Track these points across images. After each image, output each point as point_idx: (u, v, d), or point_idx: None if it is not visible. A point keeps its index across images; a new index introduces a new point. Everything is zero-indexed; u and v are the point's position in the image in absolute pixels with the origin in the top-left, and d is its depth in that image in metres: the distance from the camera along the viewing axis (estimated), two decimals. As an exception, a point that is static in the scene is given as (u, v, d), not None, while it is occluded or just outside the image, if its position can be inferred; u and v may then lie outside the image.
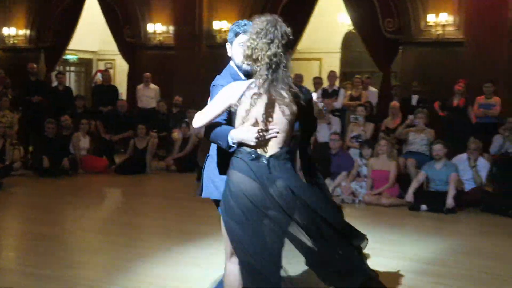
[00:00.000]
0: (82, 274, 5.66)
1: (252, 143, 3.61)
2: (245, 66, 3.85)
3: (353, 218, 8.51)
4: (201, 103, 14.18)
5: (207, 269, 5.78)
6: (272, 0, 14.85)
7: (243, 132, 3.64)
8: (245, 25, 3.97)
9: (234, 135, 3.66)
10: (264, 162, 3.64)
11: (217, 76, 4.20)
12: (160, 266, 6.01)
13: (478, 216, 8.78)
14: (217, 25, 15.30)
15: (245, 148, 3.65)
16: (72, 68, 20.94)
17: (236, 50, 3.99)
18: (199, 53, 15.47)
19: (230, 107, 3.71)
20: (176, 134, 12.87)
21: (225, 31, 15.18)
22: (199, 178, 11.45)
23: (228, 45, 4.12)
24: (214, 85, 4.13)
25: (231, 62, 4.17)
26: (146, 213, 8.86)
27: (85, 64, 20.97)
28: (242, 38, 3.92)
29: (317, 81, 13.63)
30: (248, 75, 3.87)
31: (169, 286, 5.34)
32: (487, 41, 12.41)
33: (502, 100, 11.68)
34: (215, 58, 15.44)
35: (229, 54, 4.12)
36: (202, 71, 15.39)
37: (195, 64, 15.39)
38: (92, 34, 19.02)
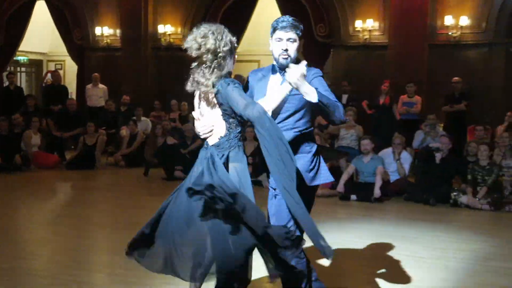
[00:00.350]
0: (35, 265, 5.54)
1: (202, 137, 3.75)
2: (281, 60, 3.82)
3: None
4: (148, 102, 14.04)
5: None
6: (213, 6, 14.78)
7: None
8: (283, 21, 3.87)
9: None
10: (208, 151, 3.75)
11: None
12: (110, 255, 5.95)
13: (402, 204, 8.95)
14: (161, 28, 15.16)
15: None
16: (23, 69, 20.37)
17: (273, 45, 3.90)
18: (144, 54, 15.29)
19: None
20: (124, 131, 12.70)
21: (169, 34, 15.08)
22: (146, 173, 11.40)
23: (270, 40, 3.97)
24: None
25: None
26: (95, 205, 8.72)
27: (35, 65, 20.43)
28: (278, 33, 3.85)
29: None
30: (283, 68, 3.80)
31: (117, 273, 5.28)
32: (409, 45, 12.63)
33: (423, 99, 11.96)
34: (160, 60, 15.37)
35: (270, 49, 3.96)
36: (148, 72, 15.27)
37: (141, 65, 15.22)
38: (42, 36, 18.61)
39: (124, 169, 11.94)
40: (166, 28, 15.09)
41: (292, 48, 3.88)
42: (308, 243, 3.62)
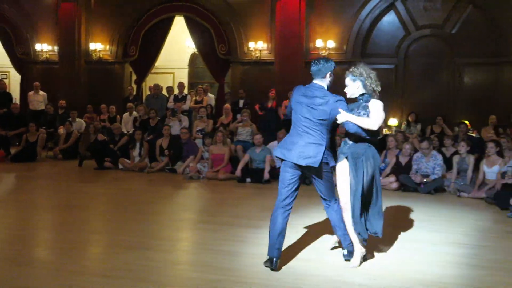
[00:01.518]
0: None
1: None
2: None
3: (199, 189, 8.62)
4: (82, 106, 13.40)
5: (82, 232, 5.52)
6: (136, 28, 14.40)
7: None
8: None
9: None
10: None
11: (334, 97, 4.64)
12: (50, 233, 5.67)
13: (285, 184, 9.12)
14: (92, 45, 14.60)
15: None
16: (-28, 78, 18.87)
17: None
18: (78, 67, 14.66)
19: None
20: (61, 130, 12.26)
21: (99, 50, 14.55)
22: (81, 164, 10.98)
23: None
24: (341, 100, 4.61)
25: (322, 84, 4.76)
26: (37, 191, 8.27)
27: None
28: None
29: (169, 89, 13.51)
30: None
31: (57, 247, 5.05)
32: (290, 61, 12.87)
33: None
34: (91, 71, 14.81)
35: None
36: (81, 81, 14.72)
37: (75, 76, 14.62)
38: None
39: (61, 161, 11.44)
40: (96, 45, 14.57)
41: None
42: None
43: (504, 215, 6.76)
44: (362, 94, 4.69)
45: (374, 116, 4.51)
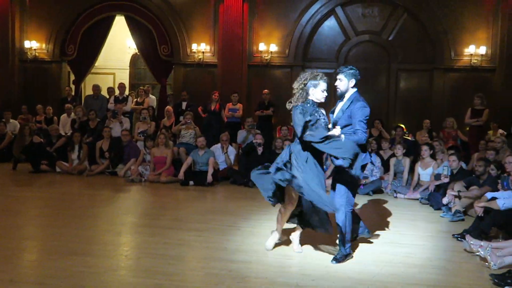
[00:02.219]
0: None
1: None
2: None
3: (140, 193, 8.49)
4: (16, 106, 12.87)
5: (16, 239, 5.30)
6: (75, 26, 13.96)
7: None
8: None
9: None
10: None
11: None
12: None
13: (228, 187, 9.12)
14: (27, 44, 14.03)
15: None
16: None
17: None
18: (12, 66, 14.04)
19: None
20: (-6, 132, 11.61)
21: (34, 49, 14.01)
22: (15, 167, 10.53)
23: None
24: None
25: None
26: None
27: None
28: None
29: (110, 90, 13.21)
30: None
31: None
32: (233, 64, 12.89)
33: (244, 106, 12.32)
34: (26, 71, 14.25)
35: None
36: (15, 81, 14.11)
37: (9, 75, 13.98)
38: None
39: (-6, 164, 10.92)
40: (32, 44, 14.01)
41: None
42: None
43: (438, 215, 7.08)
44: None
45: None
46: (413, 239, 5.84)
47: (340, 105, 5.01)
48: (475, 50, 12.30)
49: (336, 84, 5.00)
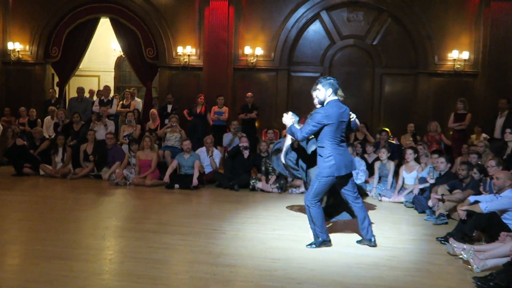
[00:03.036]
0: None
1: None
2: None
3: (125, 196, 8.42)
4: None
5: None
6: (59, 29, 13.82)
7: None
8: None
9: None
10: None
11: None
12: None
13: (214, 190, 9.08)
14: (11, 45, 13.86)
15: None
16: None
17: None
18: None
19: None
20: (-25, 134, 11.44)
21: (18, 50, 13.86)
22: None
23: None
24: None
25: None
26: None
27: None
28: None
29: (92, 93, 13.10)
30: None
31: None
32: (218, 67, 12.88)
33: (230, 109, 12.31)
34: (9, 72, 14.10)
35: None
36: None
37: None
38: None
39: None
40: (15, 45, 13.86)
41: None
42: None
43: (422, 218, 7.13)
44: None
45: None
46: (397, 242, 5.87)
47: None
48: (458, 55, 12.45)
49: (315, 93, 5.50)
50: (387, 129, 11.46)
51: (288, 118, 5.44)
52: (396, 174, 8.79)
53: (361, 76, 13.22)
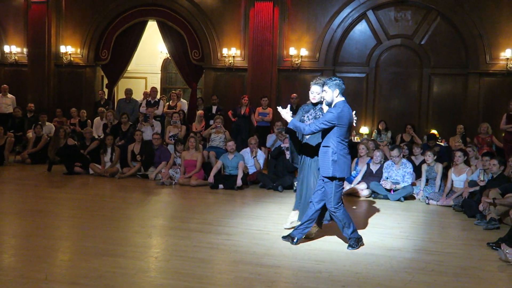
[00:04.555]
0: None
1: None
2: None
3: (171, 195, 8.57)
4: (51, 109, 13.14)
5: (49, 239, 5.41)
6: (108, 32, 14.22)
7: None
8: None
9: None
10: None
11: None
12: (15, 238, 5.55)
13: (257, 191, 9.09)
14: (63, 48, 14.36)
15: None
16: None
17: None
18: (48, 70, 14.38)
19: None
20: (30, 134, 11.96)
21: (69, 53, 14.35)
22: (50, 168, 10.79)
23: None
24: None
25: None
26: (4, 197, 8.06)
27: None
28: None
29: (143, 94, 13.39)
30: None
31: (21, 254, 4.94)
32: (263, 68, 12.91)
33: (274, 110, 12.30)
34: (61, 74, 14.63)
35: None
36: (50, 84, 14.53)
37: (45, 79, 14.34)
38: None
39: (30, 166, 11.17)
40: (67, 48, 14.36)
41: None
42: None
43: (471, 223, 6.92)
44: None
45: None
46: (446, 247, 5.72)
47: None
48: (511, 54, 12.00)
49: (322, 95, 5.61)
50: (435, 132, 11.20)
51: (286, 112, 5.49)
52: (444, 176, 8.56)
53: (409, 77, 12.96)
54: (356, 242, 5.44)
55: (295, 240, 5.50)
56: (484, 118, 11.64)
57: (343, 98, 5.41)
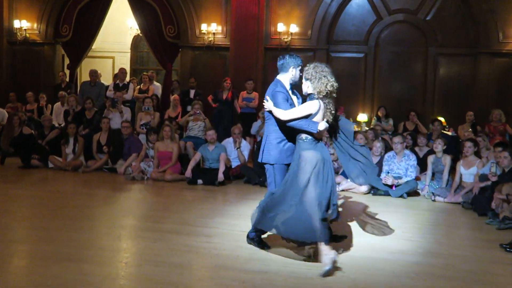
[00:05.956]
0: None
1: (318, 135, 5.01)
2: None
3: (143, 192, 8.53)
4: (3, 93, 12.97)
5: (3, 242, 5.36)
6: (70, 5, 14.04)
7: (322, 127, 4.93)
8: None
9: (320, 128, 4.93)
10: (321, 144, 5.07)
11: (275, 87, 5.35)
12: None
13: (242, 186, 9.10)
14: (17, 23, 14.19)
15: (308, 136, 4.99)
16: None
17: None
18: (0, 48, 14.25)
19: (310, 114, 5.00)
20: (-21, 122, 11.79)
21: (25, 29, 14.17)
22: (3, 161, 10.65)
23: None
24: (277, 91, 5.29)
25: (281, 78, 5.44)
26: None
27: None
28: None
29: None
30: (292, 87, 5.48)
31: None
32: (247, 47, 12.88)
33: (260, 94, 12.26)
34: (15, 54, 14.44)
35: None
36: (2, 65, 14.32)
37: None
38: None
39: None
40: (22, 23, 14.17)
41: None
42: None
43: (482, 222, 6.99)
44: (310, 94, 5.18)
45: (292, 110, 5.14)
46: (453, 248, 5.78)
47: None
48: (527, 32, 12.13)
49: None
50: (441, 119, 11.28)
51: (274, 107, 5.25)
52: (452, 170, 8.63)
53: (412, 57, 13.02)
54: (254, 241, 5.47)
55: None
56: (497, 104, 11.76)
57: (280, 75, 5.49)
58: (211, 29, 13.27)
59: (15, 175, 9.49)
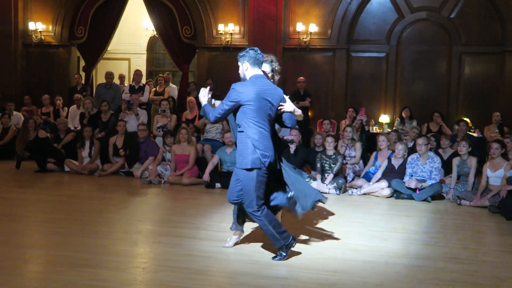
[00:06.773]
0: None
1: None
2: None
3: (159, 196, 8.55)
4: (18, 96, 13.09)
5: (19, 247, 5.41)
6: (85, 6, 14.16)
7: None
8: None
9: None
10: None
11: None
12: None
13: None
14: (32, 25, 14.36)
15: None
16: None
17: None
18: (15, 50, 14.42)
19: None
20: (-5, 125, 11.93)
21: (40, 31, 14.32)
22: (18, 165, 10.73)
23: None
24: None
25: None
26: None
27: None
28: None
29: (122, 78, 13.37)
30: None
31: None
32: (265, 47, 12.71)
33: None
34: (30, 56, 14.59)
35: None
36: (17, 68, 14.47)
37: (10, 61, 14.37)
38: None
39: (-5, 162, 11.19)
40: (37, 25, 14.33)
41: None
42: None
43: (510, 226, 6.89)
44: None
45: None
46: (480, 254, 5.70)
47: None
48: (556, 29, 11.97)
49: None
50: (466, 119, 11.15)
51: (203, 95, 5.45)
52: (478, 173, 8.53)
53: (436, 56, 12.92)
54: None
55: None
56: (525, 104, 11.62)
57: (259, 72, 5.36)
58: (228, 30, 13.30)
59: (30, 180, 9.57)
